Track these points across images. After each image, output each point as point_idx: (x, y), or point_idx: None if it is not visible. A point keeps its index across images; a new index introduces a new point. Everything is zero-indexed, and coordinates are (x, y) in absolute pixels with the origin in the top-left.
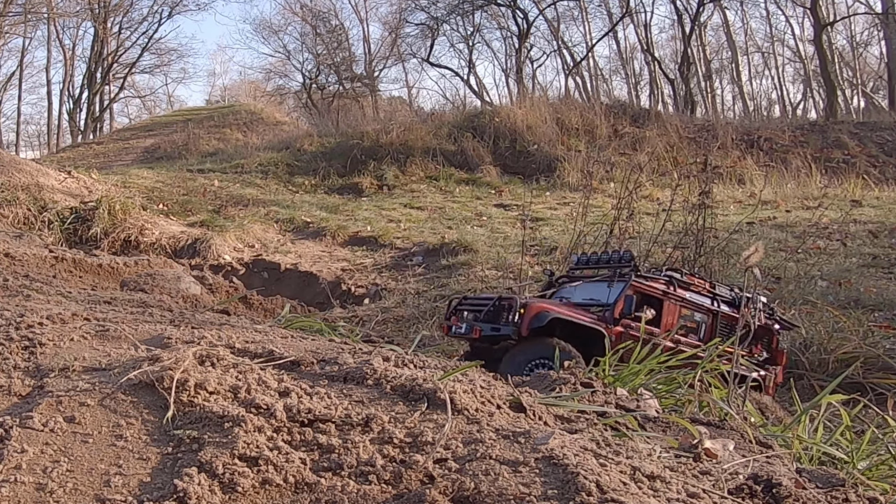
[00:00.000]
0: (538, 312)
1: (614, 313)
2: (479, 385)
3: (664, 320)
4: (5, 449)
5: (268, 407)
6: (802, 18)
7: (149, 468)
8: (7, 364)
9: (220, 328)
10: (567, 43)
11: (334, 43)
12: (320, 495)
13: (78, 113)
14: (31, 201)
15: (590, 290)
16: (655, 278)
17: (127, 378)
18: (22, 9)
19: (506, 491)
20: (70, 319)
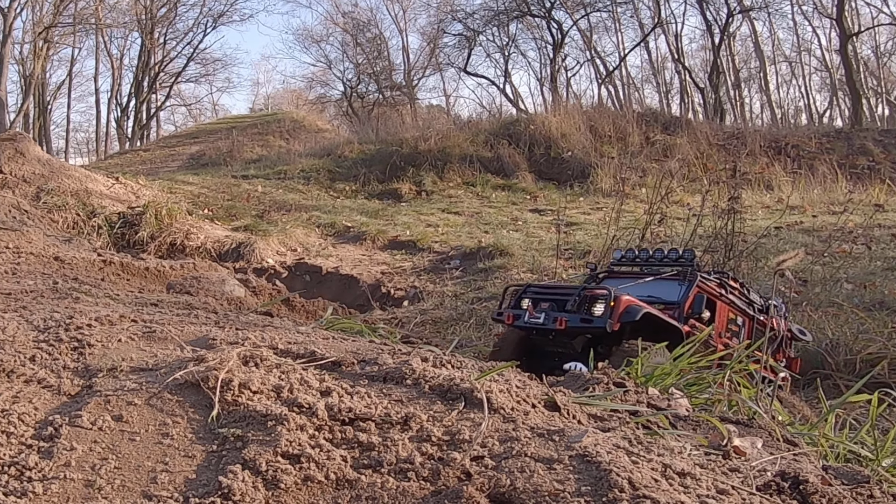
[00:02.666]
0: (629, 306)
1: (684, 311)
2: (514, 385)
3: (717, 322)
4: (55, 447)
5: (310, 406)
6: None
7: (194, 465)
8: (57, 364)
9: (264, 329)
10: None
11: (374, 53)
12: (360, 492)
13: (125, 121)
14: (80, 206)
15: (650, 288)
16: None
17: (173, 378)
18: (71, 20)
19: (541, 487)
20: (118, 321)
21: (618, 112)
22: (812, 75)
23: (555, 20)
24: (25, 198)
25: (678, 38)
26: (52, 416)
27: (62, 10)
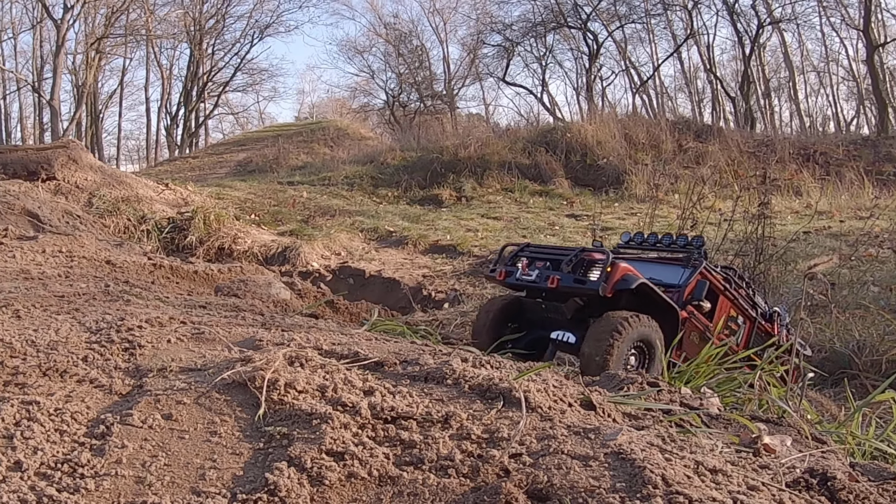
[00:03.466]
0: (626, 274)
1: (683, 296)
2: (551, 384)
3: (717, 315)
4: (107, 445)
5: (353, 405)
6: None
7: (241, 462)
8: (108, 365)
9: (309, 331)
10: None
11: (416, 63)
12: (402, 488)
13: (175, 129)
14: (131, 212)
15: (652, 269)
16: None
17: (221, 378)
18: (123, 31)
19: (577, 484)
20: (167, 323)
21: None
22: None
23: (590, 31)
24: (78, 203)
25: (710, 48)
26: (103, 414)
27: (114, 22)
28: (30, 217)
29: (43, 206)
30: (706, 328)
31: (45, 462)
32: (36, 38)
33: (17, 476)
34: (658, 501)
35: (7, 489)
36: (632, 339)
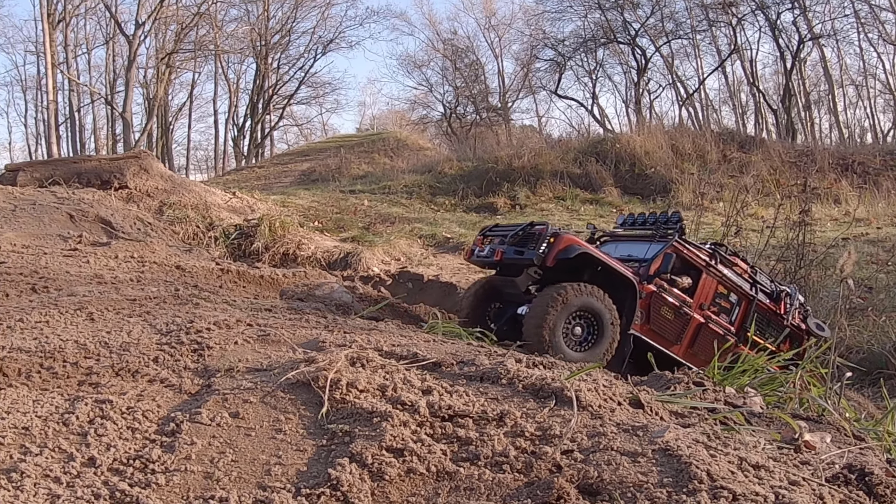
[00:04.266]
0: (569, 245)
1: (650, 270)
2: (601, 384)
3: (699, 292)
4: (177, 441)
5: (412, 404)
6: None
7: (305, 459)
8: (178, 365)
9: (370, 333)
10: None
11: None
12: (459, 483)
13: (241, 140)
14: (199, 219)
15: (630, 248)
16: (699, 247)
17: (286, 378)
18: (192, 46)
19: (626, 479)
20: (235, 325)
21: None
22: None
23: (639, 47)
24: (149, 211)
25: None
26: (173, 413)
27: (183, 38)
28: (103, 224)
29: (116, 214)
30: (683, 303)
31: (117, 458)
32: (109, 54)
33: (90, 471)
34: (703, 496)
35: (81, 484)
36: (571, 307)
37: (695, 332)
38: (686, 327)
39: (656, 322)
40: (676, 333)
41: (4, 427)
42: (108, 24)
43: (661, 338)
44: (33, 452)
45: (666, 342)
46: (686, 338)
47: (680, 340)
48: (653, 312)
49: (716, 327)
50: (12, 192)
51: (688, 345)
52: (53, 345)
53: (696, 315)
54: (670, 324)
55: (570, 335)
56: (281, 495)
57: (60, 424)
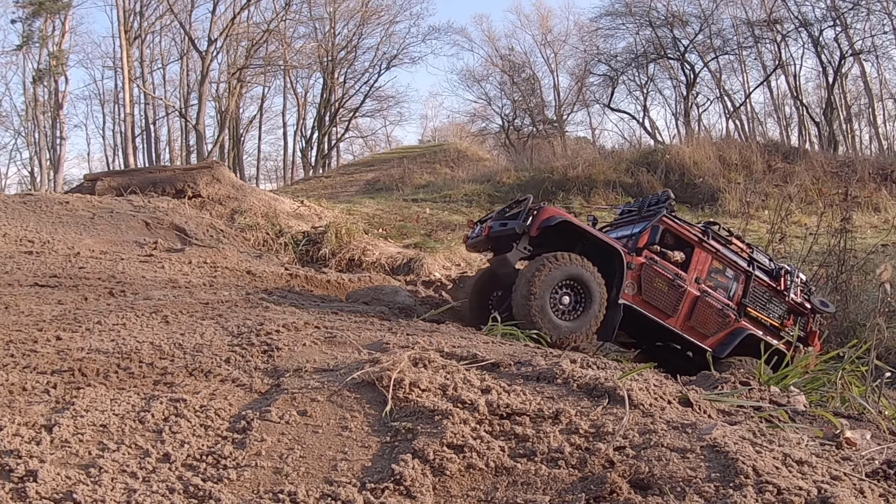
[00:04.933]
0: (551, 215)
1: (638, 243)
2: (652, 383)
3: (693, 266)
4: (247, 438)
5: (472, 402)
6: None
7: (370, 455)
8: (249, 365)
9: (431, 335)
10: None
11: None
12: (516, 478)
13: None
14: (269, 226)
15: (626, 229)
16: (690, 224)
17: (351, 378)
18: (262, 62)
19: (675, 474)
20: (303, 327)
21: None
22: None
23: (688, 62)
24: (221, 218)
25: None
26: (244, 411)
27: (253, 54)
28: (177, 231)
29: (189, 221)
30: (676, 276)
31: (191, 454)
32: (183, 69)
33: (165, 467)
34: (749, 490)
35: (157, 479)
36: (557, 277)
37: (691, 305)
38: (681, 300)
39: (650, 293)
40: (672, 305)
41: (83, 424)
42: (182, 40)
43: (656, 309)
44: (111, 449)
45: (661, 314)
46: (682, 310)
47: (676, 312)
48: (645, 283)
49: (713, 301)
50: (91, 200)
51: (685, 317)
52: (130, 346)
53: (692, 288)
54: (664, 295)
55: (559, 305)
56: (347, 490)
57: (137, 422)
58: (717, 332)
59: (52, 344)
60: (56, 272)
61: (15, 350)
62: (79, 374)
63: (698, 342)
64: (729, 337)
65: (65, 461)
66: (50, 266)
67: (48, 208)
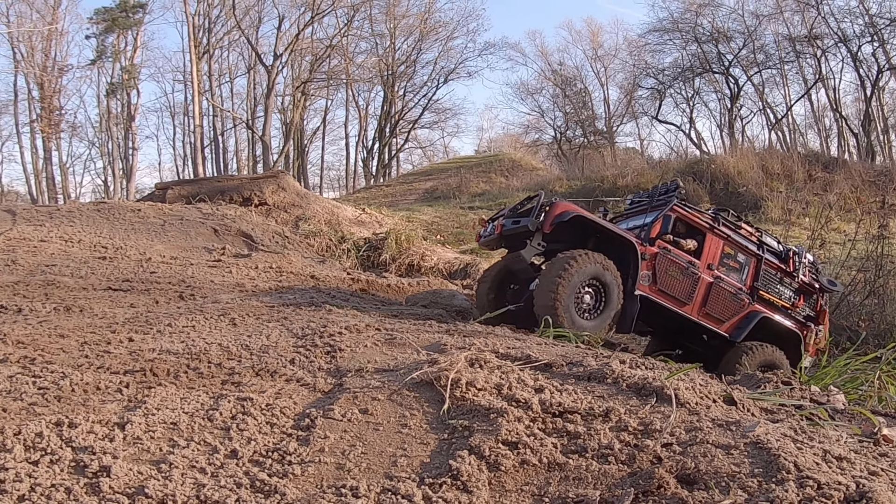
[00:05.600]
0: (564, 210)
1: (651, 233)
2: (698, 383)
3: (706, 253)
4: (311, 435)
5: (525, 401)
6: None
7: (428, 451)
8: (313, 366)
9: (487, 336)
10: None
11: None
12: (568, 473)
13: (370, 161)
14: (332, 233)
15: (637, 219)
16: (701, 211)
17: (411, 377)
18: (325, 76)
19: (720, 469)
20: (364, 329)
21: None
22: None
23: (732, 76)
24: (286, 225)
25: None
26: (308, 409)
27: (317, 68)
28: (244, 237)
29: (256, 228)
30: (690, 263)
31: (257, 451)
32: (250, 82)
33: (233, 463)
34: (791, 485)
35: (225, 474)
36: (581, 277)
37: (706, 291)
38: (696, 287)
39: (665, 282)
40: (687, 293)
41: (155, 422)
42: (248, 55)
43: (672, 298)
44: (181, 445)
45: (677, 302)
46: (698, 297)
47: (692, 300)
48: (660, 273)
49: (727, 286)
50: (162, 208)
51: (700, 304)
52: (199, 347)
53: (705, 275)
54: (679, 283)
55: (581, 304)
56: (406, 484)
57: (205, 420)
58: (732, 316)
59: (124, 345)
60: (128, 277)
61: (89, 351)
62: (150, 374)
63: (715, 328)
64: (744, 321)
65: (137, 457)
66: (123, 271)
67: (121, 216)
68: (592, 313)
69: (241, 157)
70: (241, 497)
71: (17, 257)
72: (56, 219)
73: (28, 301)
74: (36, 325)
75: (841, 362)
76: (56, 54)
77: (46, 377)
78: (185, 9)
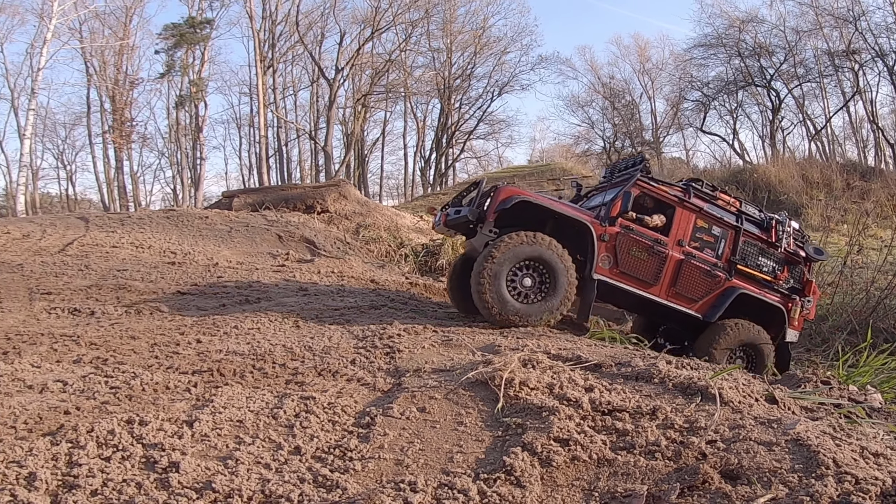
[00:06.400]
0: (508, 196)
1: (611, 212)
2: (741, 382)
3: (675, 228)
4: (371, 433)
5: (576, 400)
6: None
7: (483, 448)
8: (373, 366)
9: (539, 338)
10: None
11: (628, 115)
12: (617, 469)
13: (427, 170)
14: (391, 239)
15: (604, 195)
16: (669, 183)
17: (466, 377)
18: (384, 89)
19: (762, 465)
20: (422, 331)
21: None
22: None
23: (773, 89)
24: (347, 232)
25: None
26: (368, 407)
27: (377, 82)
28: (307, 243)
29: (318, 234)
30: (656, 241)
31: (319, 447)
32: (312, 95)
33: (296, 459)
34: (830, 480)
35: (289, 470)
36: (511, 259)
37: (675, 270)
38: (663, 266)
39: (627, 264)
40: (653, 274)
41: (221, 420)
42: (311, 69)
43: (636, 280)
44: (247, 442)
45: (642, 284)
46: (665, 277)
47: (658, 280)
48: (621, 254)
49: (700, 263)
50: (228, 215)
51: (669, 284)
52: (264, 349)
53: (675, 252)
54: (644, 264)
55: (520, 287)
56: (462, 479)
57: (270, 418)
58: (705, 295)
59: (192, 346)
60: (196, 281)
61: (159, 352)
62: (217, 374)
63: (686, 308)
64: (719, 298)
65: (204, 453)
66: (191, 275)
67: (189, 222)
68: (534, 297)
69: (304, 167)
70: (304, 492)
71: (90, 262)
72: (127, 225)
73: (101, 304)
74: (108, 328)
75: (879, 362)
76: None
77: (118, 377)
78: (252, 25)
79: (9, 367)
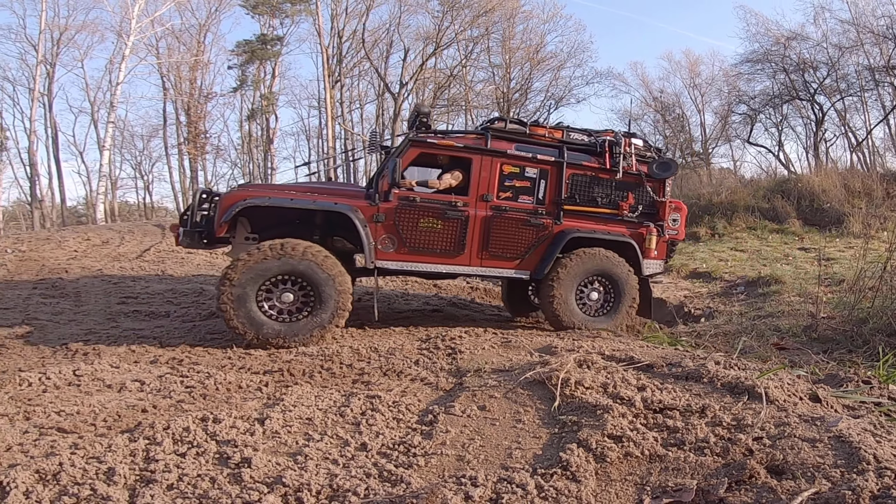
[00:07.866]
0: (229, 206)
1: (381, 186)
2: (786, 382)
3: (475, 181)
4: (434, 430)
5: (629, 399)
6: None
7: (540, 444)
8: (435, 367)
9: (594, 340)
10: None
11: (678, 127)
12: (668, 464)
13: None
14: None
15: None
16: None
17: (524, 377)
18: (446, 102)
19: (806, 461)
20: (482, 333)
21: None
22: None
23: (817, 103)
24: None
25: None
26: (431, 406)
27: (439, 95)
28: None
29: None
30: (450, 205)
31: (384, 444)
32: (378, 108)
33: (363, 455)
34: (870, 475)
35: (355, 465)
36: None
37: (483, 231)
38: (465, 230)
39: (417, 239)
40: (455, 242)
41: (291, 418)
42: (377, 84)
43: (433, 255)
44: (315, 439)
45: (443, 257)
46: (473, 242)
47: (463, 249)
48: (406, 231)
49: (514, 214)
50: None
51: (479, 248)
52: (332, 350)
53: (478, 211)
54: (439, 234)
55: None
56: (520, 474)
57: (337, 416)
58: (529, 249)
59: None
60: None
61: (232, 353)
62: (287, 374)
63: (508, 271)
64: (549, 249)
65: (275, 450)
66: None
67: None
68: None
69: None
70: (370, 486)
71: (165, 268)
72: None
73: (176, 307)
74: (186, 332)
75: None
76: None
77: (193, 377)
78: (320, 41)
79: (89, 368)
